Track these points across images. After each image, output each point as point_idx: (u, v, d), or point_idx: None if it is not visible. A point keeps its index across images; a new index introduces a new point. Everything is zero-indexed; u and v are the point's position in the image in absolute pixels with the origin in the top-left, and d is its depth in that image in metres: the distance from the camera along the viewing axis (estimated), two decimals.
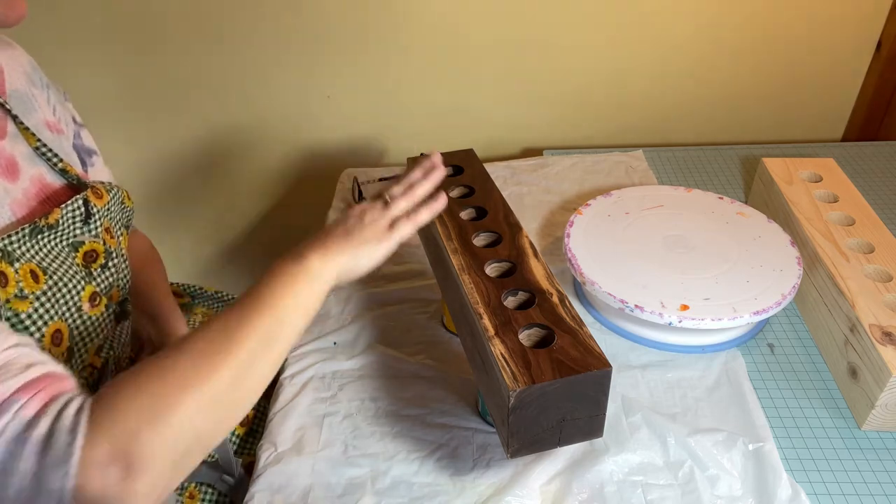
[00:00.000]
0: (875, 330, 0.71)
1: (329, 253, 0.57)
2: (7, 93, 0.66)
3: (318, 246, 0.57)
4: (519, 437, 0.53)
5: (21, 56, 0.72)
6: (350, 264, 0.58)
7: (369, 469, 0.69)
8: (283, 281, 0.54)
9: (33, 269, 0.59)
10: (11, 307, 0.56)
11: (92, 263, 0.67)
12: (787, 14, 1.20)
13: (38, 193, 0.65)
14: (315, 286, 0.56)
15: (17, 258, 0.58)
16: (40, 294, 0.59)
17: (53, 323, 0.60)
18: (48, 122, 0.71)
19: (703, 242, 0.87)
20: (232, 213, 1.47)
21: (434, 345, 0.84)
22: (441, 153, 0.82)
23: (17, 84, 0.69)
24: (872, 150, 1.20)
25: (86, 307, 0.64)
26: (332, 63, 1.25)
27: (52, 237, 0.63)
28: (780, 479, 0.65)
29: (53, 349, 0.60)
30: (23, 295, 0.57)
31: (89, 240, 0.67)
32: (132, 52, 1.23)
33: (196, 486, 0.77)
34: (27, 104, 0.68)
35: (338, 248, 0.58)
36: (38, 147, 0.66)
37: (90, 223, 0.67)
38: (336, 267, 0.57)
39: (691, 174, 1.16)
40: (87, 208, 0.67)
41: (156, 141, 1.34)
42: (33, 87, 0.71)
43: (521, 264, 0.64)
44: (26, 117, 0.67)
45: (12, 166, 0.63)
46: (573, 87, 1.28)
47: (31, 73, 0.72)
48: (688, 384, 0.77)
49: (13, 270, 0.57)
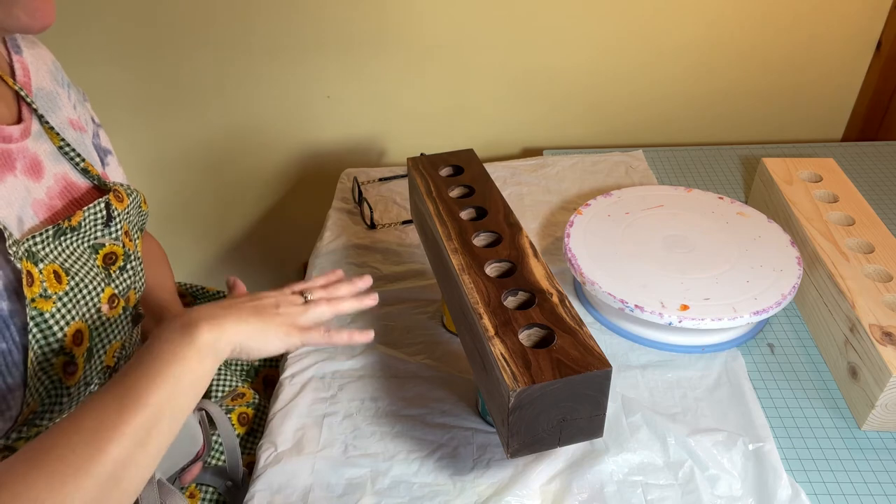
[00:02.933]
0: (875, 330, 0.71)
1: (224, 325, 0.52)
2: (33, 91, 0.67)
3: (212, 317, 0.52)
4: (519, 438, 0.53)
5: (46, 54, 0.72)
6: (248, 343, 0.54)
7: (369, 469, 0.69)
8: (165, 363, 0.49)
9: (56, 269, 0.59)
10: (36, 306, 0.56)
11: (111, 265, 0.67)
12: (788, 14, 1.20)
13: (62, 193, 0.65)
14: (205, 361, 0.51)
15: (42, 258, 0.58)
16: (62, 294, 0.59)
17: (75, 323, 0.60)
18: (71, 120, 0.71)
19: (703, 242, 0.87)
20: (232, 213, 1.47)
21: (434, 345, 0.84)
22: (441, 153, 0.82)
23: (43, 82, 0.69)
24: (872, 150, 1.20)
25: (105, 308, 0.64)
26: (332, 63, 1.25)
27: (75, 239, 0.63)
28: (780, 479, 0.65)
29: (75, 349, 0.60)
30: (46, 295, 0.57)
31: (109, 242, 0.67)
32: (133, 54, 1.23)
33: (196, 485, 0.77)
34: (52, 102, 0.69)
35: (239, 322, 0.53)
36: (62, 146, 0.66)
37: (111, 226, 0.67)
38: (232, 341, 0.53)
39: (691, 174, 1.16)
40: (109, 211, 0.67)
41: (156, 141, 1.34)
42: (57, 86, 0.71)
43: (521, 264, 0.64)
44: (51, 116, 0.67)
45: (36, 165, 0.63)
46: (573, 87, 1.28)
47: (55, 71, 0.72)
48: (688, 384, 0.77)
49: (38, 271, 0.57)
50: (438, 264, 0.73)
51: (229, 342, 0.53)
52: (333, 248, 1.01)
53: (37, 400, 0.58)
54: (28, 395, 0.57)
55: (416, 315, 0.88)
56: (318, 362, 0.81)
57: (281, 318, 0.57)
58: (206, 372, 0.51)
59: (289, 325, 0.57)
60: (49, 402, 0.60)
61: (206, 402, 0.69)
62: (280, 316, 0.57)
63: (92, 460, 0.44)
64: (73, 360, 0.60)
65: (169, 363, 0.49)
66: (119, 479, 0.45)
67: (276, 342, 0.56)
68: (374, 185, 1.16)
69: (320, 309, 0.60)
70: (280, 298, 0.59)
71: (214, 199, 1.44)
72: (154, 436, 0.47)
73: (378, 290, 0.92)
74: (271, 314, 0.56)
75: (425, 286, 0.92)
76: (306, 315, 0.59)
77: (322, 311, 0.60)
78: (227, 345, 0.53)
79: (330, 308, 0.61)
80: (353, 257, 0.99)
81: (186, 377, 0.49)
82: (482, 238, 0.69)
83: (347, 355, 0.82)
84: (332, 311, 0.61)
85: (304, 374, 0.80)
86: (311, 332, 0.58)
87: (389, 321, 0.87)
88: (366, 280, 0.66)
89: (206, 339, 0.51)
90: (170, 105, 1.30)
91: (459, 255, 0.66)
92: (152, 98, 1.28)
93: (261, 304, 0.57)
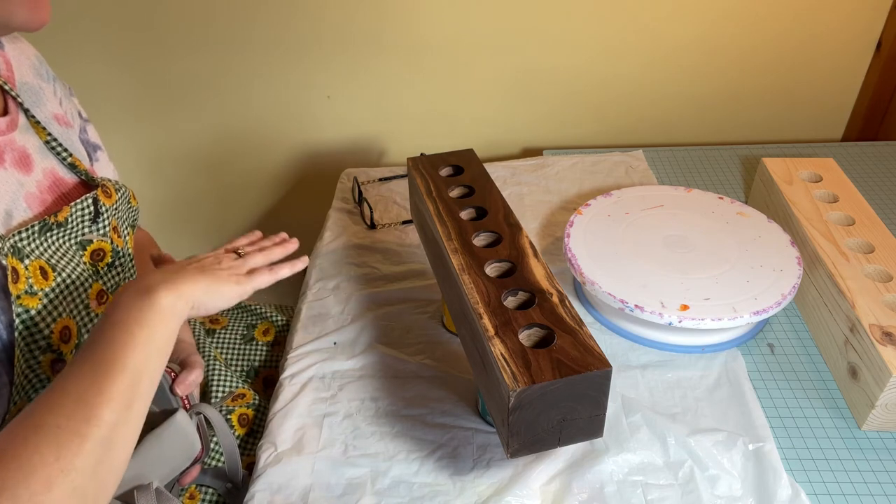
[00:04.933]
0: (875, 330, 0.71)
1: (179, 287, 0.55)
2: (17, 86, 0.66)
3: (167, 281, 0.55)
4: (519, 438, 0.53)
5: (28, 49, 0.72)
6: (203, 298, 0.56)
7: (369, 469, 0.69)
8: (132, 329, 0.51)
9: (42, 265, 0.59)
10: (22, 303, 0.56)
11: (99, 262, 0.67)
12: (788, 14, 1.20)
13: (51, 187, 0.65)
14: (170, 323, 0.53)
15: (27, 255, 0.58)
16: (49, 291, 0.59)
17: (62, 319, 0.60)
18: (56, 115, 0.71)
19: (703, 242, 0.87)
20: (232, 213, 1.47)
21: (434, 345, 0.84)
22: (441, 153, 0.82)
23: (26, 77, 0.69)
24: (872, 150, 1.20)
25: (93, 305, 0.64)
26: (332, 63, 1.25)
27: (61, 235, 0.63)
28: (780, 479, 0.65)
29: (63, 346, 0.60)
30: (32, 291, 0.57)
31: (97, 238, 0.67)
32: (132, 52, 1.23)
33: (196, 486, 0.77)
34: (36, 97, 0.68)
35: (191, 281, 0.56)
36: (49, 141, 0.66)
37: (98, 222, 0.67)
38: (189, 300, 0.55)
39: (691, 174, 1.16)
40: (97, 207, 0.67)
41: (156, 140, 1.34)
42: (41, 80, 0.71)
43: (521, 264, 0.64)
44: (36, 110, 0.67)
45: (25, 158, 0.63)
46: (573, 87, 1.28)
47: (38, 66, 0.72)
48: (688, 384, 0.77)
49: (23, 267, 0.57)
50: (438, 264, 0.73)
51: (187, 302, 0.55)
52: (333, 248, 1.01)
53: (24, 398, 0.58)
54: (15, 392, 0.57)
55: (416, 315, 0.88)
56: (318, 362, 0.81)
57: (226, 272, 0.60)
58: (171, 332, 0.54)
59: (236, 275, 0.61)
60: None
61: (203, 405, 0.69)
62: (224, 270, 0.61)
63: (89, 423, 0.46)
64: (61, 357, 0.60)
65: (137, 328, 0.51)
66: (113, 442, 0.47)
67: (229, 293, 0.59)
68: (374, 185, 1.16)
69: (256, 258, 0.65)
70: (219, 257, 0.63)
71: (214, 199, 1.44)
72: (137, 398, 0.49)
73: (378, 290, 0.92)
74: (216, 270, 0.60)
75: (425, 286, 0.92)
76: (246, 264, 0.63)
77: (257, 260, 0.65)
78: (185, 305, 0.55)
79: (262, 256, 0.66)
80: (353, 257, 0.99)
81: (155, 339, 0.52)
82: (482, 238, 0.69)
83: (347, 355, 0.82)
84: (265, 259, 0.66)
85: (304, 374, 0.80)
86: (257, 276, 0.62)
87: (389, 321, 0.87)
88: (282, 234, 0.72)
89: (165, 303, 0.53)
90: (170, 105, 1.30)
91: (459, 255, 0.66)
92: (152, 98, 1.28)
93: (204, 263, 0.61)
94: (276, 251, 0.67)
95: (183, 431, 0.63)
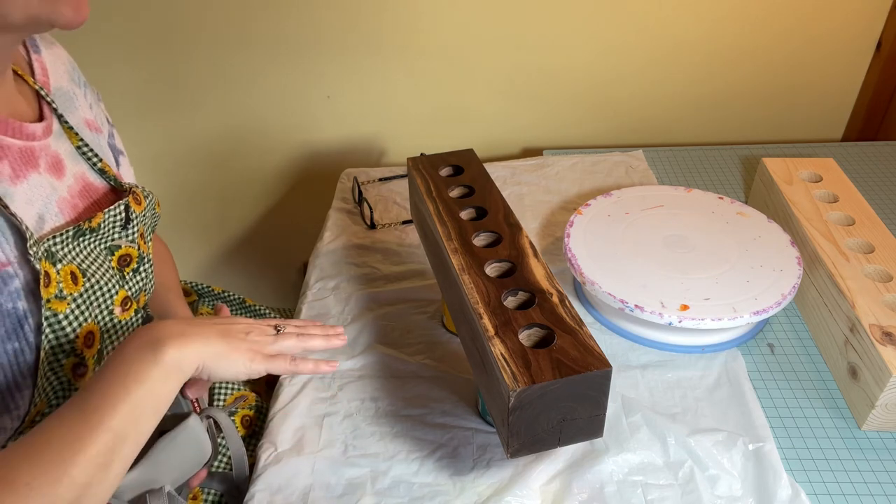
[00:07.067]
0: (875, 330, 0.71)
1: (190, 344, 0.53)
2: (52, 91, 0.67)
3: (179, 335, 0.53)
4: (519, 438, 0.53)
5: (62, 54, 0.72)
6: (210, 363, 0.54)
7: (369, 469, 0.69)
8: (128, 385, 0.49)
9: (73, 270, 0.59)
10: (51, 307, 0.56)
11: (125, 267, 0.67)
12: (788, 15, 1.20)
13: (82, 192, 0.65)
14: (171, 381, 0.51)
15: (60, 259, 0.58)
16: (77, 296, 0.59)
17: (87, 325, 0.60)
18: (87, 120, 0.71)
19: (703, 242, 0.87)
20: (232, 213, 1.47)
21: (434, 345, 0.84)
22: (441, 153, 0.82)
23: (61, 82, 0.69)
24: (872, 150, 1.20)
25: (117, 311, 0.64)
26: (332, 63, 1.25)
27: (93, 239, 0.63)
28: (780, 479, 0.65)
29: (86, 351, 0.60)
30: (62, 296, 0.57)
31: (125, 244, 0.67)
32: (132, 51, 1.23)
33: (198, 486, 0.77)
34: (69, 102, 0.69)
35: (203, 341, 0.54)
36: (80, 146, 0.66)
37: (128, 228, 0.67)
38: (196, 360, 0.53)
39: (691, 174, 1.16)
40: (128, 213, 0.67)
41: (156, 139, 1.34)
42: (74, 86, 0.71)
43: (521, 264, 0.64)
44: (69, 115, 0.68)
45: (58, 164, 0.63)
46: (573, 87, 1.28)
47: (72, 71, 0.72)
48: (688, 384, 0.77)
49: (56, 271, 0.57)
50: (438, 264, 0.73)
51: (193, 362, 0.53)
52: (333, 248, 1.01)
53: (44, 400, 0.58)
54: (37, 394, 0.57)
55: (416, 315, 0.88)
56: None
57: (248, 345, 0.57)
58: (169, 392, 0.52)
59: (255, 351, 0.58)
60: (56, 402, 0.60)
61: (213, 409, 0.69)
62: (247, 342, 0.57)
63: (59, 484, 0.44)
64: (83, 361, 0.60)
65: (134, 385, 0.49)
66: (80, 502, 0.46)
67: (239, 366, 0.56)
68: (374, 185, 1.16)
69: (289, 342, 0.61)
70: (253, 326, 0.60)
71: (214, 199, 1.44)
72: (116, 460, 0.48)
73: (378, 290, 0.92)
74: (239, 339, 0.57)
75: (425, 286, 0.92)
76: (274, 345, 0.59)
77: (291, 344, 0.61)
78: (191, 364, 0.53)
79: (299, 342, 0.61)
80: (353, 257, 0.99)
81: (149, 400, 0.50)
82: (482, 238, 0.69)
83: (347, 355, 0.82)
84: (301, 346, 0.61)
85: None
86: (276, 360, 0.59)
87: (389, 321, 0.87)
88: (338, 329, 0.66)
89: (171, 358, 0.51)
90: (170, 105, 1.30)
91: (459, 255, 0.66)
92: (152, 98, 1.28)
93: (231, 328, 0.58)
94: (315, 341, 0.62)
95: (195, 436, 0.62)
